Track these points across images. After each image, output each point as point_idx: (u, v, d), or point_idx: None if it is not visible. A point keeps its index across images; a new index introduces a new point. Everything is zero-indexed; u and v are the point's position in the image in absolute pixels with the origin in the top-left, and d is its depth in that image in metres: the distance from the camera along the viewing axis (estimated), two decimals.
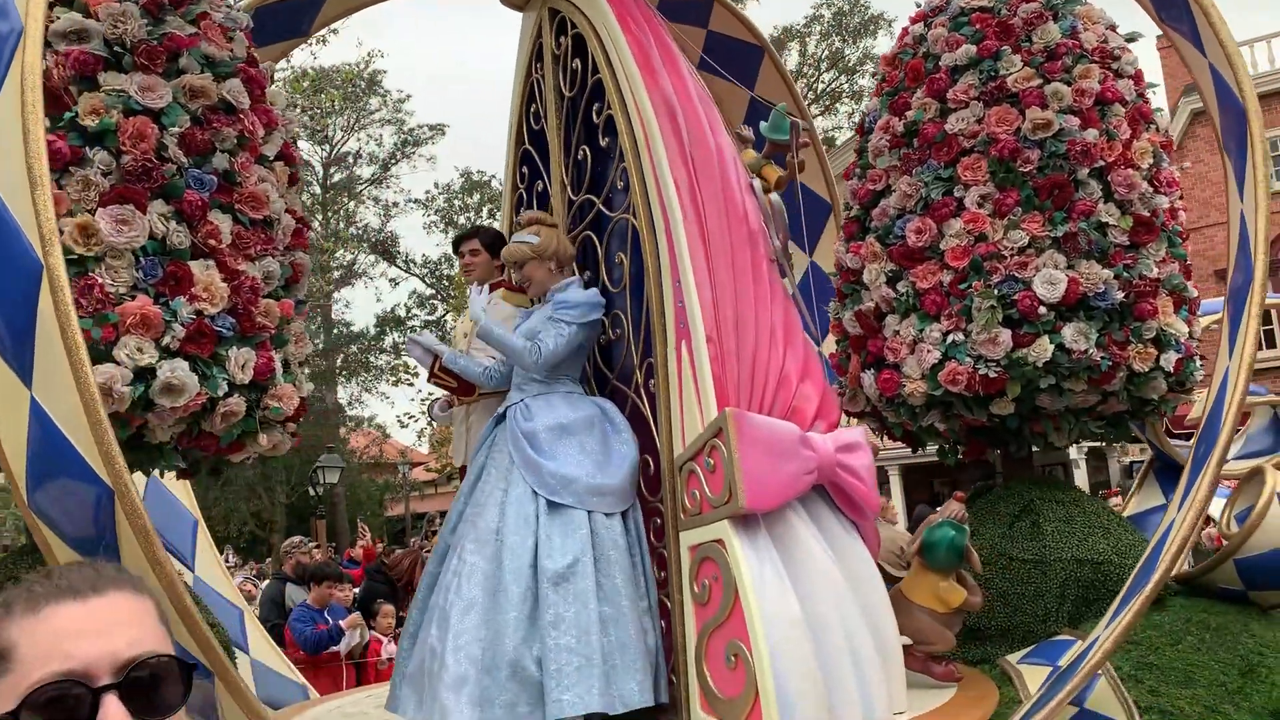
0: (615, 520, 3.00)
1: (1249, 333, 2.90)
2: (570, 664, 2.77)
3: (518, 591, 2.85)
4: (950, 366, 3.68)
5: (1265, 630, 3.60)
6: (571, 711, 2.76)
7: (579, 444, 3.08)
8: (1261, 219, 2.91)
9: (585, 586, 2.86)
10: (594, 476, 3.01)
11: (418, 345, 3.90)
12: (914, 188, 3.88)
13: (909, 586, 3.37)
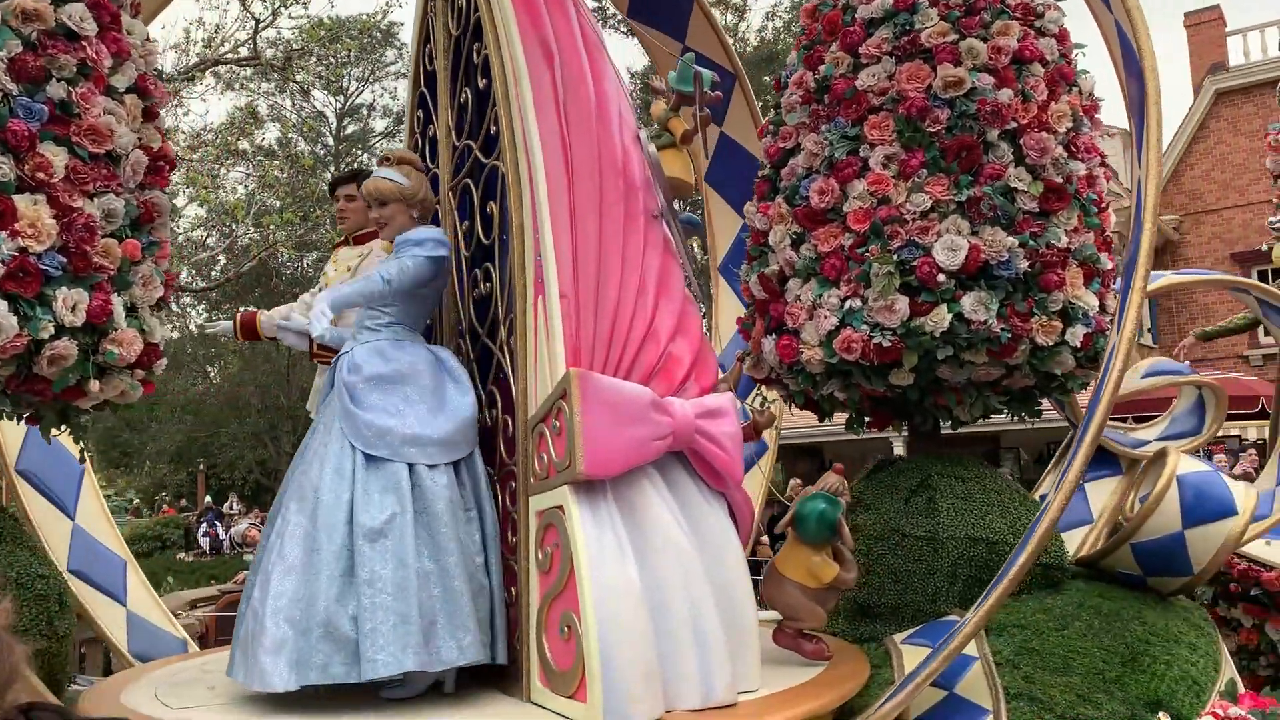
0: (441, 472, 2.87)
1: (1132, 307, 2.75)
2: (385, 623, 2.66)
3: (331, 549, 2.73)
4: (845, 334, 3.53)
5: (1158, 618, 3.48)
6: (385, 672, 2.65)
7: (403, 394, 2.96)
8: (1151, 186, 2.75)
9: (404, 542, 2.75)
10: (412, 427, 2.88)
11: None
12: (820, 146, 3.71)
13: (782, 560, 3.25)
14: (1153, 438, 4.35)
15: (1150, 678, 3.15)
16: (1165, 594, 3.64)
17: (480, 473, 3.04)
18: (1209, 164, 22.49)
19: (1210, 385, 4.22)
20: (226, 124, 16.88)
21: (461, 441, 2.97)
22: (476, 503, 2.98)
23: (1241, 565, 4.52)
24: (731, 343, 5.36)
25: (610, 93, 3.22)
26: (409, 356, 3.04)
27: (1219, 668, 3.33)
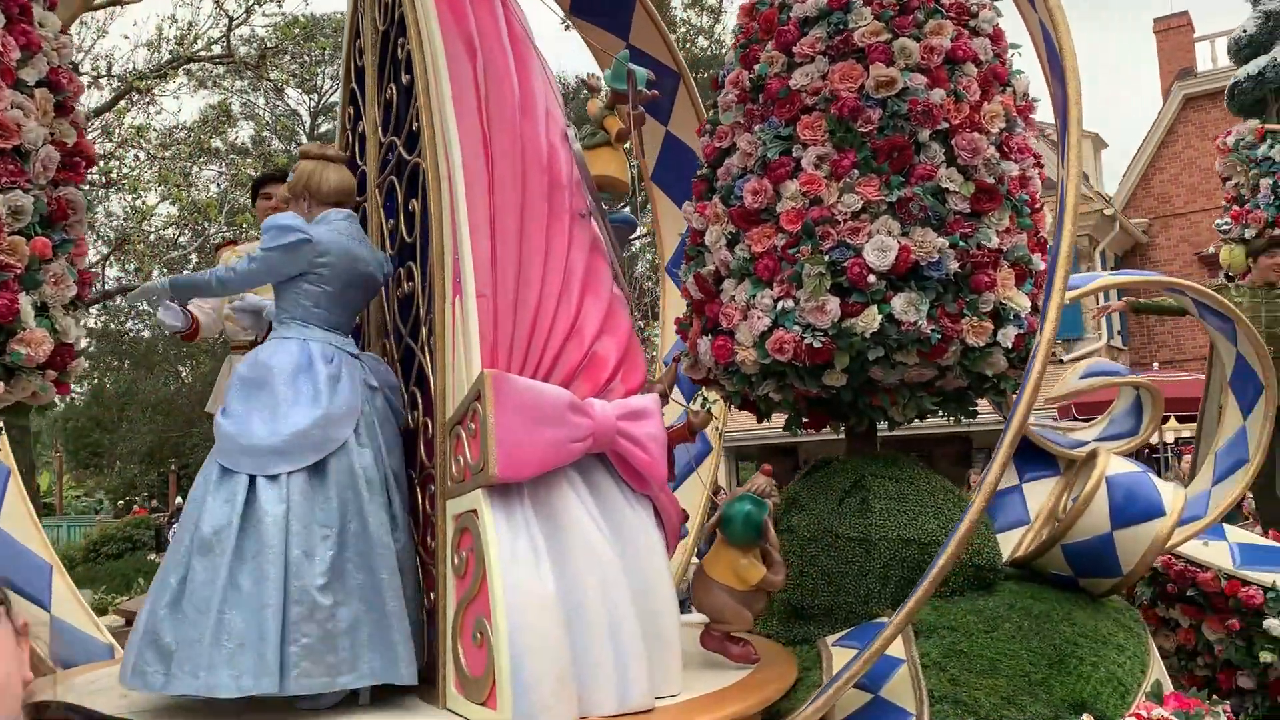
0: (277, 485, 2.69)
1: (1052, 308, 2.74)
2: (188, 637, 2.56)
3: (173, 560, 2.67)
4: (778, 334, 3.51)
5: (1088, 619, 3.48)
6: (181, 690, 2.56)
7: (258, 399, 2.81)
8: (1071, 187, 2.74)
9: (221, 558, 2.62)
10: (249, 435, 2.74)
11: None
12: (753, 146, 3.69)
13: (709, 562, 3.22)
14: (1092, 438, 4.36)
15: (1076, 679, 3.15)
16: (1097, 595, 3.64)
17: (355, 484, 2.85)
18: (1177, 168, 22.76)
19: (1147, 386, 4.24)
20: (199, 122, 16.70)
21: (294, 451, 2.75)
22: (343, 516, 2.78)
23: (1178, 566, 4.54)
24: (675, 344, 5.33)
25: (537, 89, 3.18)
26: (274, 359, 2.90)
27: (1146, 669, 3.33)
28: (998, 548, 3.76)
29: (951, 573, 3.64)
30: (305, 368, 2.86)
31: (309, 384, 2.83)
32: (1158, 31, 24.53)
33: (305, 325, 3.02)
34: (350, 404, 2.86)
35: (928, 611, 3.52)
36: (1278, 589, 4.21)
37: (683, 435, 3.67)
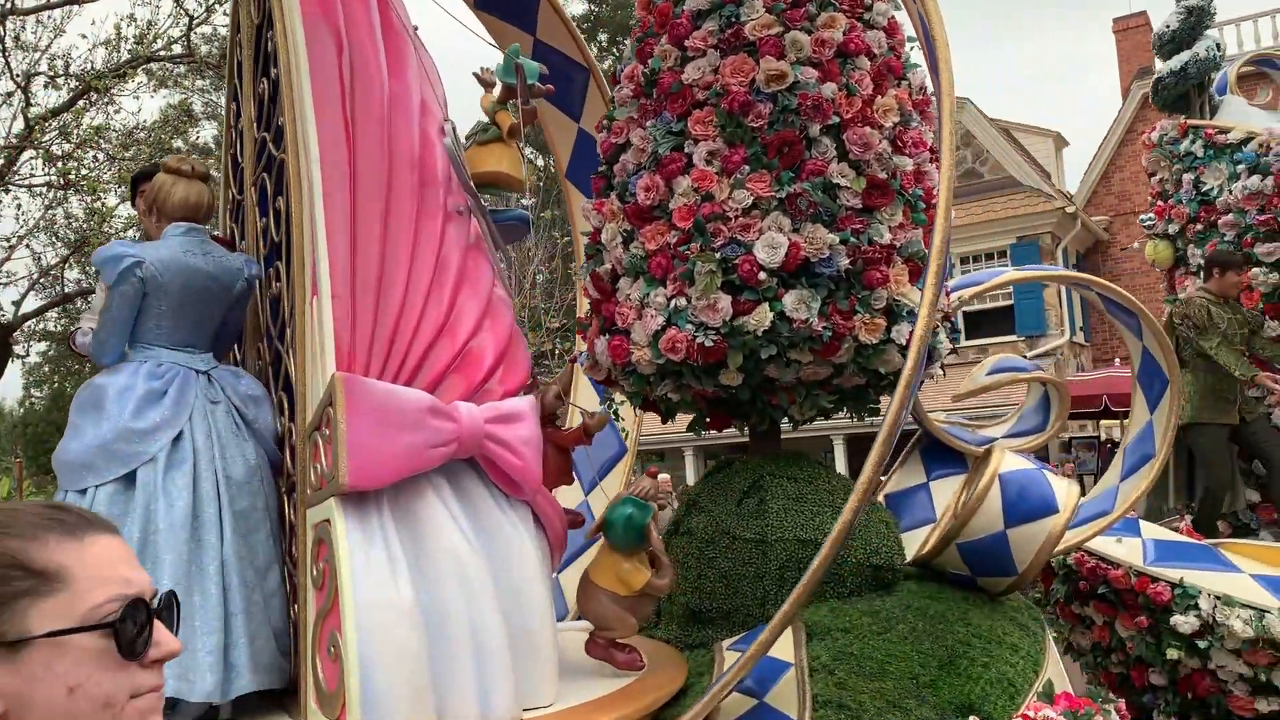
0: (84, 498, 2.68)
1: (924, 305, 2.69)
2: None
3: None
4: (670, 333, 3.45)
5: (984, 619, 3.44)
6: None
7: (89, 418, 2.81)
8: (944, 182, 2.69)
9: None
10: (63, 453, 2.75)
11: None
12: (645, 142, 3.62)
13: (593, 568, 3.15)
14: (1000, 435, 4.33)
15: (965, 681, 3.11)
16: (996, 594, 3.60)
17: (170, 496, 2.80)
18: (1137, 166, 22.99)
19: (1054, 382, 4.21)
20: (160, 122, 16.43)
21: (98, 464, 2.74)
22: (147, 528, 2.73)
23: (1090, 563, 4.53)
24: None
25: (411, 84, 3.10)
26: (106, 380, 2.90)
27: (1040, 668, 3.30)
28: (898, 547, 3.71)
29: (849, 573, 3.60)
30: (128, 387, 2.83)
31: (125, 401, 2.78)
32: (1117, 31, 24.79)
33: (148, 347, 3.03)
34: (167, 418, 2.83)
35: (825, 613, 3.47)
36: (1185, 585, 4.21)
37: (578, 438, 3.60)
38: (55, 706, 0.97)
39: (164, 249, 3.07)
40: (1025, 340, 19.20)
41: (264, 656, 2.77)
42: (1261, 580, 4.25)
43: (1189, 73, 6.32)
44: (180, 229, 3.17)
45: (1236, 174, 5.92)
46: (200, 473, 2.82)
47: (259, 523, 2.90)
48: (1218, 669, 4.16)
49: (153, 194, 3.19)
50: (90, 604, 1.00)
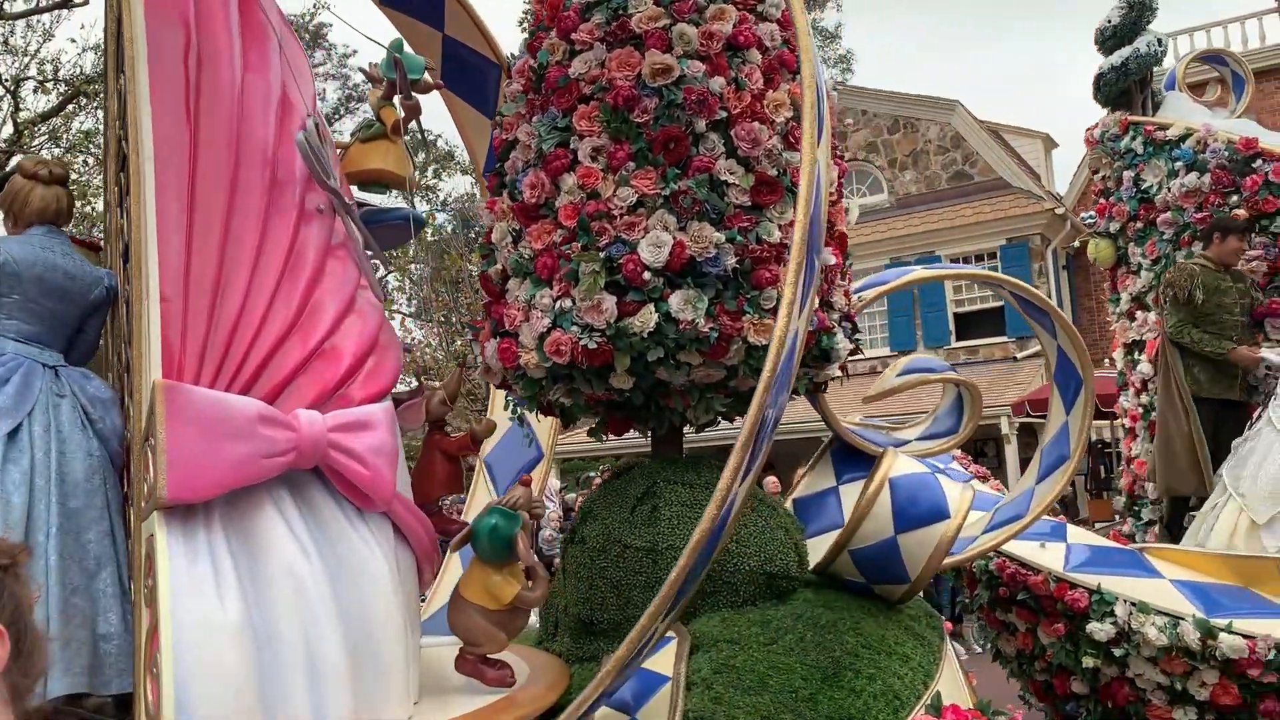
0: None
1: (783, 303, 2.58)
2: None
3: None
4: (555, 335, 3.34)
5: (877, 628, 3.33)
6: None
7: None
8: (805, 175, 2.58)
9: None
10: None
11: None
12: (531, 138, 3.51)
13: (463, 582, 3.03)
14: (913, 438, 4.22)
15: (847, 694, 3.00)
16: (893, 601, 3.50)
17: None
18: None
19: (966, 384, 4.11)
20: None
21: None
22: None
23: (1011, 568, 4.43)
24: None
25: (272, 80, 2.99)
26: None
27: (931, 679, 3.19)
28: (795, 554, 3.60)
29: (743, 582, 3.49)
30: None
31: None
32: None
33: (6, 338, 2.87)
34: (6, 407, 2.75)
35: (715, 624, 3.36)
36: (1102, 592, 4.10)
37: (464, 444, 3.49)
38: None
39: (23, 241, 3.02)
40: (1015, 341, 19.12)
41: (80, 660, 2.66)
42: (1182, 586, 4.16)
43: (1130, 68, 6.23)
44: (42, 229, 3.11)
45: (1175, 171, 5.82)
46: (36, 467, 2.72)
47: (93, 521, 2.79)
48: (1136, 677, 4.06)
49: (9, 198, 3.10)
50: None
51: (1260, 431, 5.08)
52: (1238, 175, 5.57)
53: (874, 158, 21.07)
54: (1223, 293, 5.69)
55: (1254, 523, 4.74)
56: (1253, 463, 4.97)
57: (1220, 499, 5.02)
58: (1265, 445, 4.98)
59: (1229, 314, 5.66)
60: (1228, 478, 5.03)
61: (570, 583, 3.68)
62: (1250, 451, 5.04)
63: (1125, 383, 6.53)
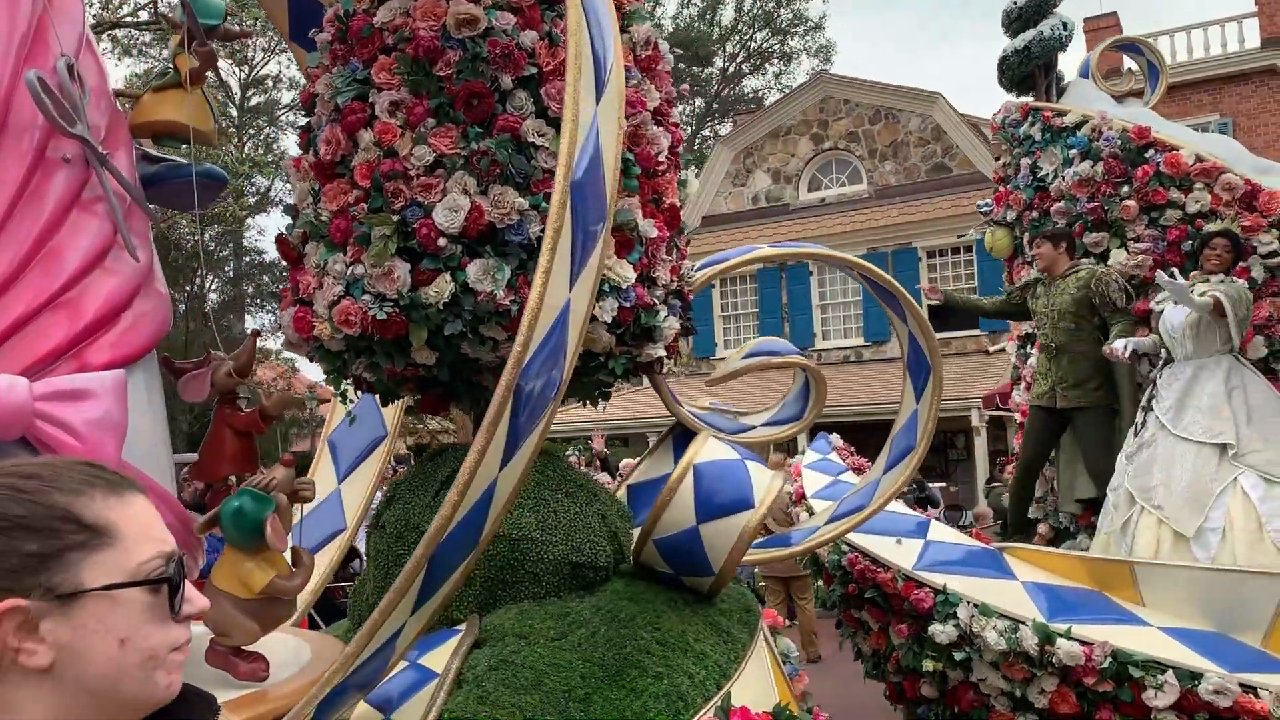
0: None
1: (535, 286, 2.37)
2: None
3: None
4: (344, 304, 3.09)
5: (678, 623, 3.13)
6: None
7: None
8: (565, 145, 2.36)
9: None
10: None
11: None
12: (328, 89, 3.26)
13: (216, 568, 2.79)
14: (760, 424, 4.02)
15: (626, 694, 2.79)
16: (705, 594, 3.29)
17: None
18: None
19: (809, 368, 3.91)
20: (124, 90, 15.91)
21: None
22: None
23: (862, 564, 4.25)
24: None
25: (18, 21, 2.73)
26: None
27: (726, 678, 2.99)
28: (612, 543, 3.39)
29: (547, 572, 3.27)
30: None
31: None
32: (1088, 31, 24.83)
33: None
34: None
35: (512, 616, 3.14)
36: (947, 593, 3.93)
37: (252, 421, 3.24)
38: (106, 659, 1.02)
39: None
40: (989, 335, 19.06)
41: None
42: (1033, 589, 3.99)
43: (1033, 52, 6.04)
44: None
45: (1070, 159, 5.65)
46: None
47: None
48: (980, 682, 3.89)
49: None
50: (139, 559, 1.05)
51: (1155, 439, 4.88)
52: (1130, 165, 5.40)
53: (855, 147, 20.96)
54: (1037, 298, 5.70)
55: (1178, 536, 4.55)
56: (1158, 472, 4.76)
57: (1131, 513, 4.78)
58: (1167, 453, 4.79)
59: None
60: (1134, 490, 4.80)
61: (372, 569, 3.46)
62: (1151, 460, 4.84)
63: (1018, 376, 6.38)
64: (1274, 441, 4.66)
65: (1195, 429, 4.70)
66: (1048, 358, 5.58)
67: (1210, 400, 4.73)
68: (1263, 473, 4.56)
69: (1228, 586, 3.82)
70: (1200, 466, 4.64)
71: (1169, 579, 3.92)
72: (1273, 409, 4.76)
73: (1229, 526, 4.48)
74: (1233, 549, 4.43)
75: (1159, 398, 4.91)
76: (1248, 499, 4.52)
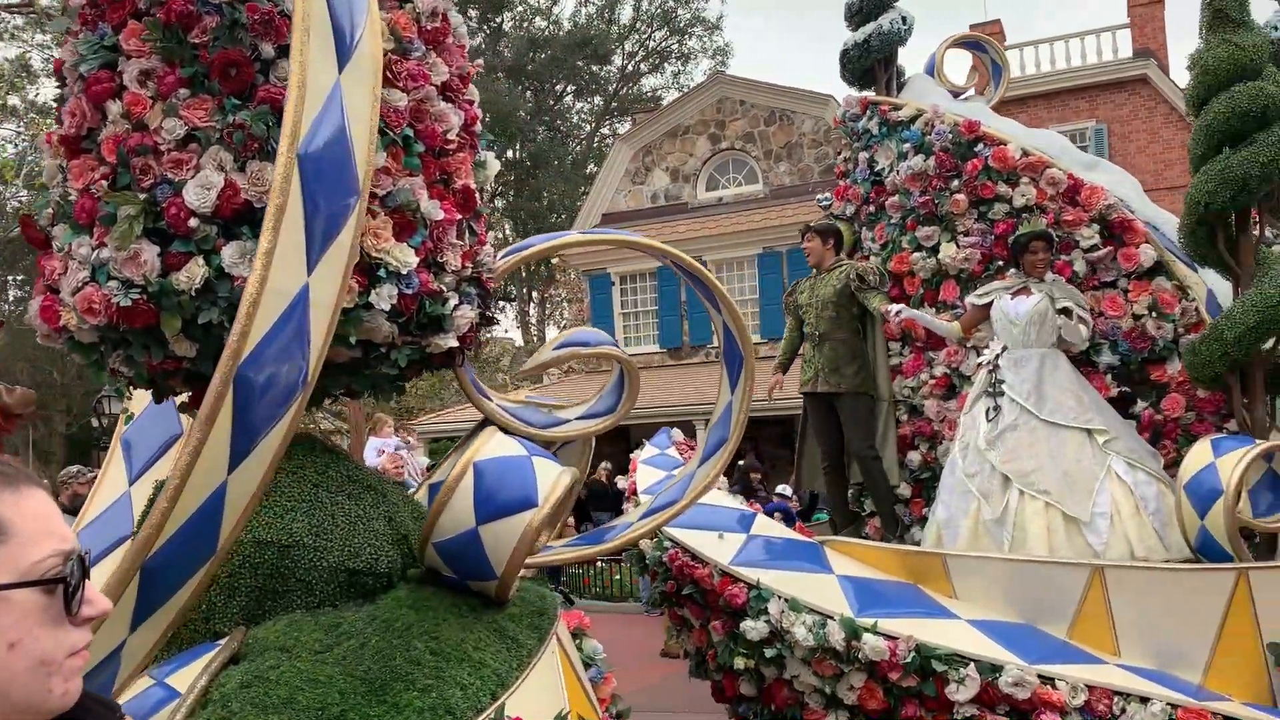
0: None
1: (257, 266, 2.15)
2: None
3: None
4: (86, 291, 2.82)
5: (459, 631, 2.95)
6: None
7: None
8: (288, 116, 2.16)
9: None
10: None
11: None
12: (72, 55, 2.98)
13: None
14: (574, 417, 3.86)
15: (388, 709, 2.60)
16: (495, 598, 3.12)
17: None
18: None
19: (622, 359, 3.77)
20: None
21: None
22: None
23: (680, 560, 4.14)
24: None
25: None
26: None
27: (505, 687, 2.82)
28: (399, 547, 3.19)
29: (320, 580, 3.05)
30: None
31: None
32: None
33: None
34: None
35: (280, 629, 2.90)
36: (760, 588, 3.84)
37: None
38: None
39: None
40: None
41: None
42: (847, 583, 3.94)
43: (872, 45, 6.05)
44: None
45: (904, 153, 5.67)
46: None
47: None
48: (793, 679, 3.82)
49: None
50: (32, 558, 1.00)
51: (1019, 423, 4.82)
52: (960, 159, 5.44)
53: (750, 148, 21.15)
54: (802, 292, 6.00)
55: (1069, 522, 4.52)
56: (1032, 457, 4.73)
57: (1008, 498, 4.73)
58: (1039, 436, 4.72)
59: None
60: (1012, 475, 4.73)
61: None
62: (1020, 444, 4.77)
63: None
64: (1122, 429, 4.76)
65: (1066, 414, 4.71)
66: (812, 345, 5.81)
67: (1068, 385, 4.78)
68: (1127, 458, 4.63)
69: (1034, 577, 3.84)
70: (1079, 451, 4.65)
71: (979, 571, 3.92)
72: (1103, 401, 4.87)
73: (1116, 512, 4.50)
74: (1125, 534, 4.44)
75: (1009, 384, 4.88)
76: (1124, 483, 4.56)
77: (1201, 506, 3.99)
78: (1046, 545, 4.35)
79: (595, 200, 22.12)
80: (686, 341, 20.29)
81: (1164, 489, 4.50)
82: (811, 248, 5.90)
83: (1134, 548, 4.22)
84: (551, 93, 35.42)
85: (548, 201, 32.93)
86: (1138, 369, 5.03)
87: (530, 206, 32.94)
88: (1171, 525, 4.31)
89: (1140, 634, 3.72)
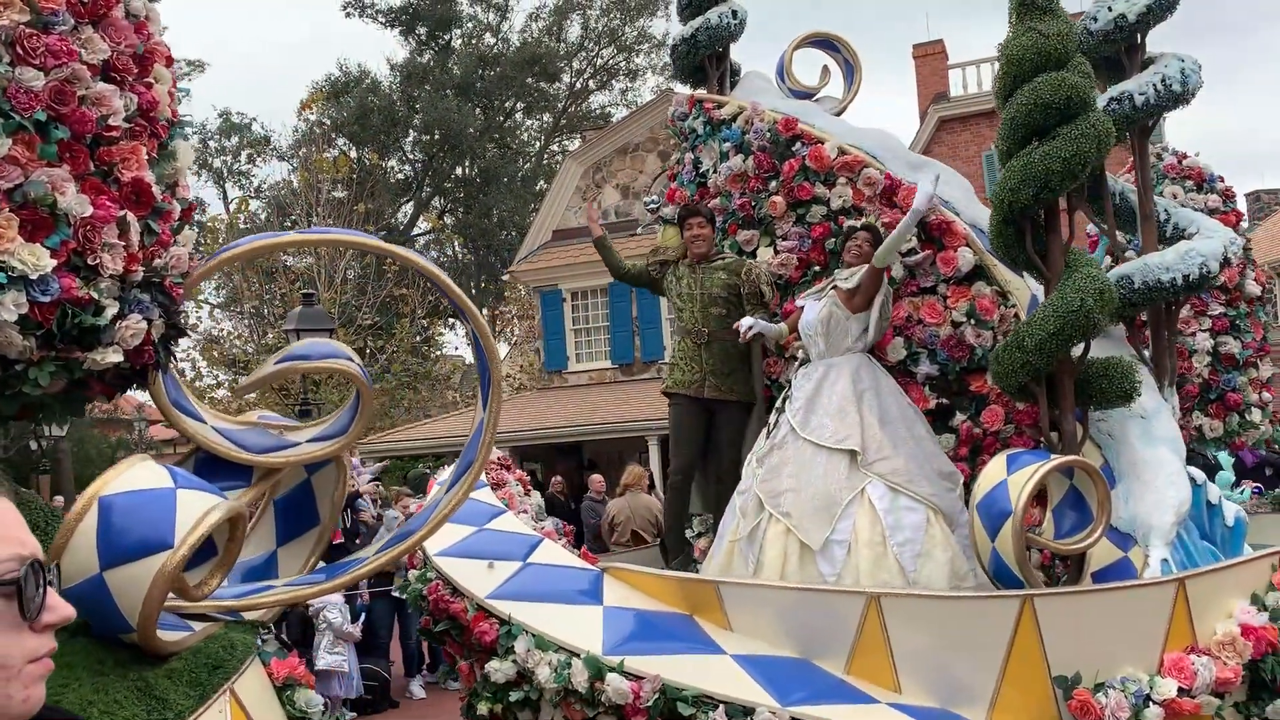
0: None
1: None
2: None
3: None
4: None
5: (91, 692, 2.53)
6: None
7: None
8: None
9: None
10: None
11: None
12: None
13: None
14: (306, 439, 3.48)
15: None
16: (157, 654, 2.72)
17: None
18: None
19: (353, 376, 3.39)
20: None
21: None
22: None
23: (438, 593, 3.77)
24: None
25: None
26: None
27: None
28: None
29: None
30: None
31: None
32: (916, 57, 25.76)
33: None
34: None
35: None
36: (512, 623, 3.48)
37: None
38: None
39: None
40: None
41: None
42: (615, 615, 3.61)
43: (699, 40, 5.76)
44: None
45: (726, 153, 5.38)
46: None
47: None
48: None
49: None
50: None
51: (786, 441, 4.64)
52: (778, 159, 5.17)
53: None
54: (679, 278, 5.42)
55: (805, 547, 4.28)
56: (787, 477, 4.50)
57: (759, 519, 4.50)
58: (798, 456, 4.53)
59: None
60: (763, 495, 4.54)
61: None
62: (781, 463, 4.58)
63: None
64: (902, 448, 4.47)
65: (823, 433, 4.47)
66: (695, 343, 5.32)
67: (839, 402, 4.51)
68: (890, 481, 4.36)
69: (810, 608, 3.54)
70: (830, 474, 4.41)
71: (754, 600, 3.61)
72: (902, 413, 4.59)
73: (854, 540, 4.25)
74: (856, 565, 4.20)
75: (791, 398, 4.68)
76: (874, 510, 4.31)
77: (992, 527, 3.72)
78: (780, 571, 4.09)
79: (545, 217, 21.77)
80: (639, 357, 19.86)
81: (934, 515, 4.25)
82: (706, 235, 5.31)
83: (861, 580, 3.96)
84: (501, 110, 35.10)
85: (498, 218, 32.53)
86: (956, 379, 4.78)
87: (480, 224, 32.55)
88: (928, 556, 4.07)
89: (921, 667, 3.43)
